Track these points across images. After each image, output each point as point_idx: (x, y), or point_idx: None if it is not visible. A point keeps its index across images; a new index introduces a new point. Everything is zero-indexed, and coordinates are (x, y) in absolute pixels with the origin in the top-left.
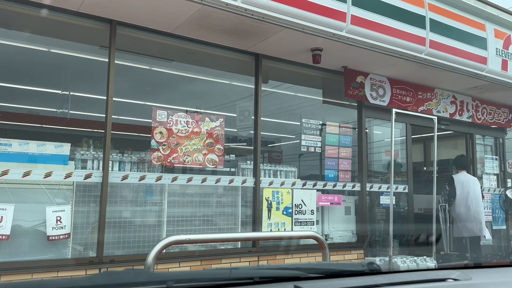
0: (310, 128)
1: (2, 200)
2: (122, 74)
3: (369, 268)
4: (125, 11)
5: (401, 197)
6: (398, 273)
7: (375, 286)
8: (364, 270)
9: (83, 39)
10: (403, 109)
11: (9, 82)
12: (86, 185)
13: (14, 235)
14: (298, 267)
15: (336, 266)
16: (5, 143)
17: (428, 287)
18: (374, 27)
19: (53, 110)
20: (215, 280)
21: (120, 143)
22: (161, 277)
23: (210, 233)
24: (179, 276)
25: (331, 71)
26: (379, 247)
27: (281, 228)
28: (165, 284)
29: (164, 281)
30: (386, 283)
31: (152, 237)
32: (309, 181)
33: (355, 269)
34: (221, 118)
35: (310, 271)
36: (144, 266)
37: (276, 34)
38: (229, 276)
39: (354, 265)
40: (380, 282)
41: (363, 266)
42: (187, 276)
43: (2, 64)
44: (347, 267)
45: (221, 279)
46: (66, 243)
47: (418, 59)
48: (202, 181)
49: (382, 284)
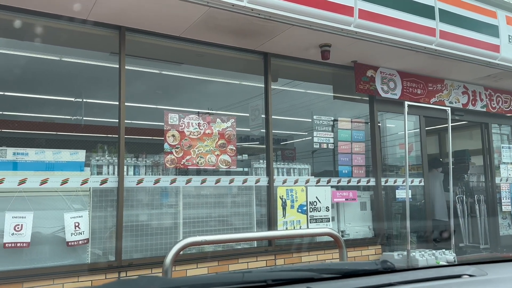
0: (321, 125)
1: (21, 208)
2: (133, 79)
3: (383, 266)
4: (133, 17)
5: (417, 190)
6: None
7: (389, 285)
8: (378, 269)
9: (93, 46)
10: (415, 102)
11: (24, 92)
12: (103, 190)
13: (34, 242)
14: (311, 268)
15: (349, 265)
16: (21, 152)
17: (443, 284)
18: (382, 20)
19: (68, 118)
20: (228, 284)
21: (134, 148)
22: (174, 283)
23: (226, 234)
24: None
25: (340, 66)
26: (397, 242)
27: (297, 226)
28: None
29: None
30: (400, 281)
31: (169, 239)
32: (322, 178)
33: (368, 268)
34: (232, 119)
35: (323, 271)
36: (162, 268)
37: (284, 32)
38: (242, 280)
39: (368, 263)
40: (394, 281)
41: (377, 264)
42: (200, 281)
43: (17, 74)
44: (360, 266)
45: (234, 283)
46: (85, 248)
47: (429, 50)
48: (216, 182)
49: (396, 282)
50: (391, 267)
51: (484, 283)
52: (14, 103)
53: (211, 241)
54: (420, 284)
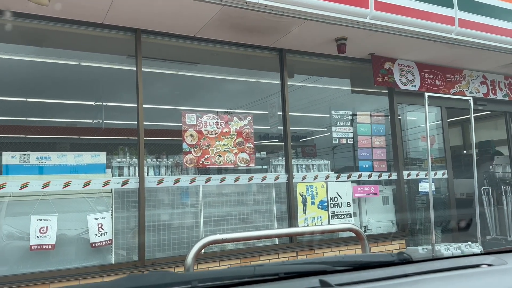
0: (340, 120)
1: (46, 211)
2: (150, 81)
3: (399, 258)
4: (147, 19)
5: (440, 183)
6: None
7: (404, 276)
8: (393, 261)
9: (111, 50)
10: (435, 93)
11: (46, 98)
12: (124, 191)
13: (59, 244)
14: (324, 260)
15: (364, 257)
16: (45, 156)
17: (460, 274)
18: (398, 10)
19: (88, 121)
20: (240, 277)
21: (153, 149)
22: (186, 277)
23: (247, 231)
24: (203, 275)
25: (357, 59)
26: (421, 236)
27: (318, 222)
28: (190, 284)
29: (188, 281)
30: (416, 272)
31: (191, 238)
32: (343, 173)
33: (384, 260)
34: (249, 117)
35: (337, 264)
36: (184, 266)
37: (298, 27)
38: (254, 273)
39: (383, 256)
40: (410, 272)
41: (393, 256)
42: (212, 275)
43: (38, 81)
44: (375, 258)
45: (246, 276)
46: (109, 249)
47: (448, 39)
48: (235, 180)
49: (412, 273)
50: (407, 259)
51: (503, 272)
52: (37, 109)
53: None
54: (437, 275)
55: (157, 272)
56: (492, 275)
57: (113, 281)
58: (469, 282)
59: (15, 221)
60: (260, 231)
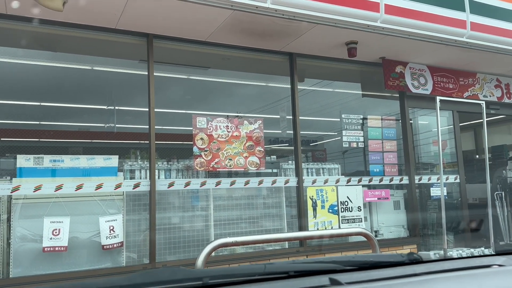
0: (350, 124)
1: (58, 213)
2: (161, 85)
3: (409, 258)
4: (160, 24)
5: (453, 188)
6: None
7: (414, 275)
8: (403, 261)
9: (123, 54)
10: (448, 97)
11: (59, 102)
12: (135, 194)
13: (72, 246)
14: (334, 260)
15: (374, 257)
16: (58, 159)
17: (470, 274)
18: (409, 14)
19: (101, 125)
20: (250, 275)
21: (164, 152)
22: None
23: (256, 235)
24: (215, 272)
25: (368, 63)
26: (433, 241)
27: (328, 226)
28: (201, 281)
29: (200, 278)
30: (426, 271)
31: (201, 241)
32: (353, 177)
33: (394, 260)
34: (259, 120)
35: (347, 263)
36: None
37: (309, 32)
38: (264, 271)
39: (393, 256)
40: (420, 271)
41: (403, 256)
42: (222, 272)
43: (52, 85)
44: (385, 258)
45: (256, 274)
46: (120, 251)
47: (460, 43)
48: (245, 183)
49: (422, 273)
50: (417, 259)
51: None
52: (50, 113)
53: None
54: (447, 274)
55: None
56: (503, 275)
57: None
58: (479, 282)
59: (29, 223)
60: (270, 235)
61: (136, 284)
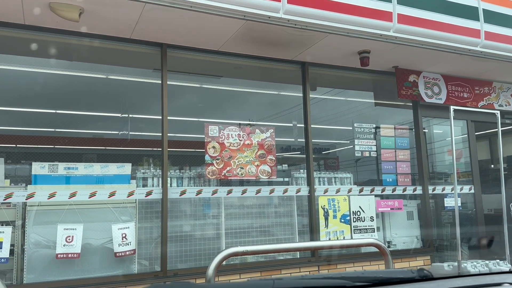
0: (363, 132)
1: (72, 220)
2: (174, 93)
3: (420, 274)
4: (174, 34)
5: (467, 198)
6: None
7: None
8: (414, 277)
9: (137, 64)
10: (462, 106)
11: (74, 109)
12: (148, 201)
13: (84, 253)
14: (343, 276)
15: (384, 273)
16: (72, 167)
17: None
18: (423, 24)
19: (115, 133)
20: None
21: (177, 160)
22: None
23: (268, 244)
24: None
25: (381, 72)
26: (447, 252)
27: (340, 236)
28: None
29: None
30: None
31: (212, 250)
32: (366, 187)
33: (404, 276)
34: (271, 129)
35: (356, 279)
36: (205, 278)
37: (321, 41)
38: (272, 287)
39: (404, 272)
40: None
41: (413, 273)
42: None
43: (67, 93)
44: (395, 274)
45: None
46: (132, 258)
47: (474, 52)
48: (256, 192)
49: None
50: (428, 275)
51: None
52: (65, 120)
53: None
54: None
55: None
56: None
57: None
58: None
59: (42, 229)
60: (281, 244)
61: None
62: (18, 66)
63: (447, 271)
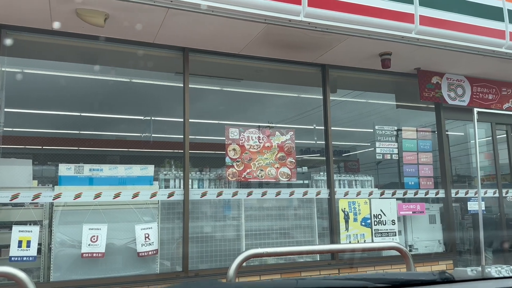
0: (384, 135)
1: (97, 220)
2: (196, 96)
3: (441, 277)
4: (195, 38)
5: (491, 202)
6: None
7: None
8: (435, 279)
9: (160, 67)
10: (486, 108)
11: (98, 112)
12: (170, 203)
13: (108, 253)
14: (364, 277)
15: (405, 275)
16: (97, 168)
17: None
18: (445, 25)
19: (137, 135)
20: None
21: (198, 162)
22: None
23: (288, 246)
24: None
25: (402, 74)
26: (470, 257)
27: (361, 239)
28: None
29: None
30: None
31: (233, 251)
32: (387, 190)
33: (425, 279)
34: (291, 132)
35: (377, 281)
36: (226, 279)
37: (342, 43)
38: (296, 286)
39: (425, 274)
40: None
41: (434, 275)
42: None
43: (92, 96)
44: (416, 276)
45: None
46: (154, 258)
47: (498, 53)
48: (276, 194)
49: None
50: (449, 278)
51: None
52: (90, 123)
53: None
54: None
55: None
56: None
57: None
58: None
59: (68, 229)
60: (302, 247)
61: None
62: (45, 70)
63: (471, 276)
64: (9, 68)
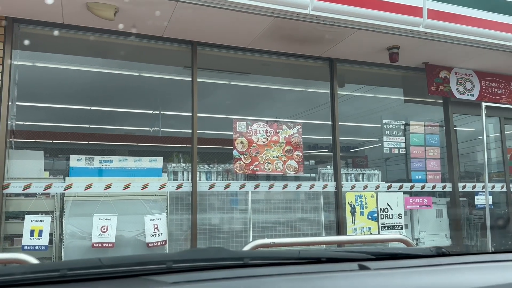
0: (392, 129)
1: (107, 211)
2: (204, 90)
3: (437, 251)
4: (204, 32)
5: (499, 197)
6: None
7: (439, 265)
8: (431, 254)
9: (168, 61)
10: (495, 102)
11: (108, 106)
12: (178, 194)
13: (118, 243)
14: (364, 250)
15: (403, 250)
16: (107, 160)
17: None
18: (453, 19)
19: (146, 129)
20: (286, 258)
21: (206, 155)
22: (239, 254)
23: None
24: (255, 254)
25: (410, 68)
26: (477, 251)
27: (367, 233)
28: (242, 261)
29: (240, 258)
30: (450, 263)
31: (240, 242)
32: (394, 184)
33: (421, 253)
34: (298, 125)
35: (376, 254)
36: None
37: (349, 37)
38: (298, 256)
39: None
40: (444, 262)
41: (431, 250)
42: (262, 255)
43: (102, 90)
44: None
45: (291, 258)
46: (163, 249)
47: (508, 48)
48: (283, 187)
49: (446, 263)
50: (445, 252)
51: None
52: (100, 117)
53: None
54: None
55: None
56: None
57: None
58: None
59: (79, 220)
60: (308, 238)
61: (186, 259)
62: (55, 64)
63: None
64: (21, 62)
